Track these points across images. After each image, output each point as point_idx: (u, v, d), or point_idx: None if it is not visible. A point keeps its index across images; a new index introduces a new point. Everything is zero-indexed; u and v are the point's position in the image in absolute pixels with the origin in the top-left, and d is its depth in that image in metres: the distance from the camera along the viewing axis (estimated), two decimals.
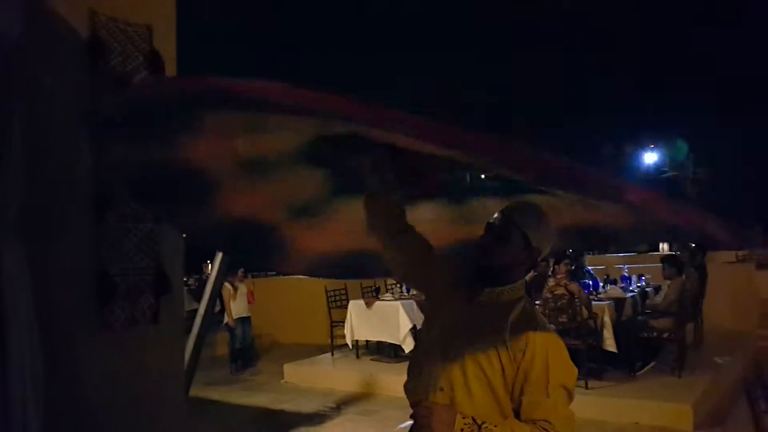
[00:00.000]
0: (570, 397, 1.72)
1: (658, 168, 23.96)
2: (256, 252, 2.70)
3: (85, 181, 2.82)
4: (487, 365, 1.71)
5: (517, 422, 1.69)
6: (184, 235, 3.27)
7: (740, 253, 14.76)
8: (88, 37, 2.90)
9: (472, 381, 1.72)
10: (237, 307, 8.77)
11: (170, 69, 3.26)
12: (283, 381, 8.09)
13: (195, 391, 5.81)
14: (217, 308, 8.95)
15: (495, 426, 1.65)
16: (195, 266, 12.66)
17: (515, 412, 1.72)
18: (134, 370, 3.01)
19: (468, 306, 1.86)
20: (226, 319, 8.84)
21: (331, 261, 2.60)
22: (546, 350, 1.71)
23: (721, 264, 11.40)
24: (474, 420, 1.66)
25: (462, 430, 1.64)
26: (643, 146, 23.95)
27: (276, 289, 11.64)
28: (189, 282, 11.74)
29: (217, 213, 2.32)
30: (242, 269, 9.22)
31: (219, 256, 4.78)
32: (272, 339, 11.00)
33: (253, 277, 9.68)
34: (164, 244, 3.20)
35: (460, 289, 1.92)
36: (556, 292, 6.42)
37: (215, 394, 7.48)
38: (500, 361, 1.70)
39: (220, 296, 8.74)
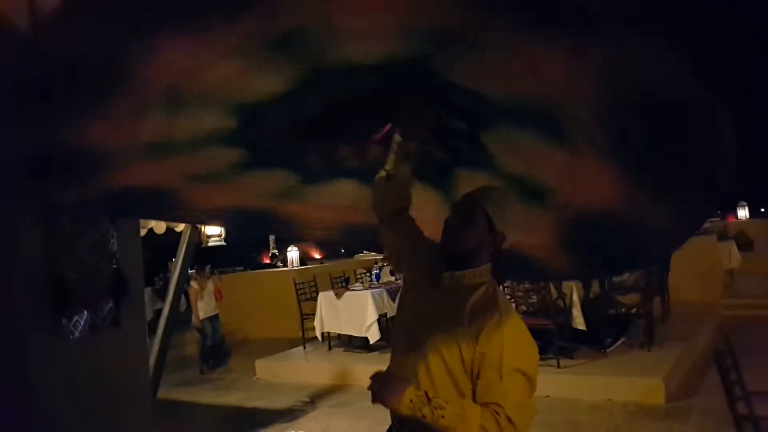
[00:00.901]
0: (529, 384, 1.65)
1: None
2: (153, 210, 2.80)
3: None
4: (447, 351, 1.69)
5: (469, 401, 1.64)
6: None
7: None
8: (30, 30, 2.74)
9: (434, 367, 1.70)
10: (205, 306, 8.60)
11: None
12: (255, 378, 7.97)
13: (164, 393, 5.70)
14: (184, 307, 8.79)
15: (446, 402, 1.60)
16: (160, 265, 12.40)
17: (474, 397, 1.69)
18: (96, 376, 2.91)
19: (431, 292, 1.83)
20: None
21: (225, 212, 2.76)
22: (502, 333, 1.66)
23: None
24: (426, 394, 1.62)
25: (411, 401, 1.60)
26: None
27: (243, 284, 11.50)
28: (154, 280, 11.49)
29: (109, 183, 2.22)
30: (209, 266, 9.05)
31: (182, 254, 4.67)
32: (242, 335, 10.86)
33: (219, 273, 9.50)
34: (121, 246, 3.08)
35: (428, 276, 1.88)
36: None
37: (185, 395, 7.34)
38: (459, 346, 1.67)
39: (187, 295, 8.57)
